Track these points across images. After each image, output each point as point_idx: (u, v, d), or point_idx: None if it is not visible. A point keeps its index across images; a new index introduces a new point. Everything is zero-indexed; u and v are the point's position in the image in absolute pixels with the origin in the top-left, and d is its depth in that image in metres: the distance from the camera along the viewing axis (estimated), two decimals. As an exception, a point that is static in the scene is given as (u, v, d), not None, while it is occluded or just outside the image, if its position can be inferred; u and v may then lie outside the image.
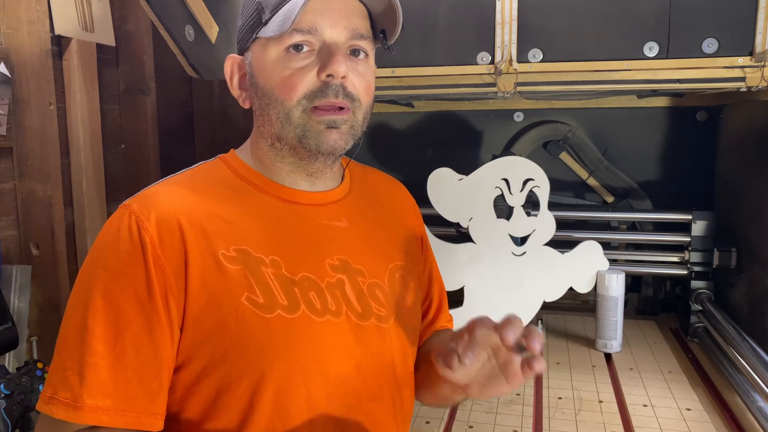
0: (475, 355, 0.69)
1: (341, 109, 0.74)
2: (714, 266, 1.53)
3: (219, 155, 0.84)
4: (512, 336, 0.68)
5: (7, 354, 1.31)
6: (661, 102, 1.76)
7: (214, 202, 0.75)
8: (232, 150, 0.84)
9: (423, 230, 0.98)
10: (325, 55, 0.73)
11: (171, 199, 0.74)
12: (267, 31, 0.74)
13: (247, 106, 0.81)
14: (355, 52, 0.76)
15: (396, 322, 0.81)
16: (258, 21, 0.75)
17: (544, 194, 1.49)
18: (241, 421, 0.71)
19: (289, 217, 0.78)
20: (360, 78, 0.76)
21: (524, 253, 1.51)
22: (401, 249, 0.88)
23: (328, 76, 0.73)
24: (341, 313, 0.76)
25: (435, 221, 1.58)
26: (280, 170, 0.79)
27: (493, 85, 1.30)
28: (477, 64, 1.29)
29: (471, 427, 1.14)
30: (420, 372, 0.89)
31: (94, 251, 0.72)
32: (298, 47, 0.73)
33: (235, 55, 0.81)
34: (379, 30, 0.79)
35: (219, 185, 0.78)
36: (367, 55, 0.77)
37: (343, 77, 0.73)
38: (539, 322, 1.57)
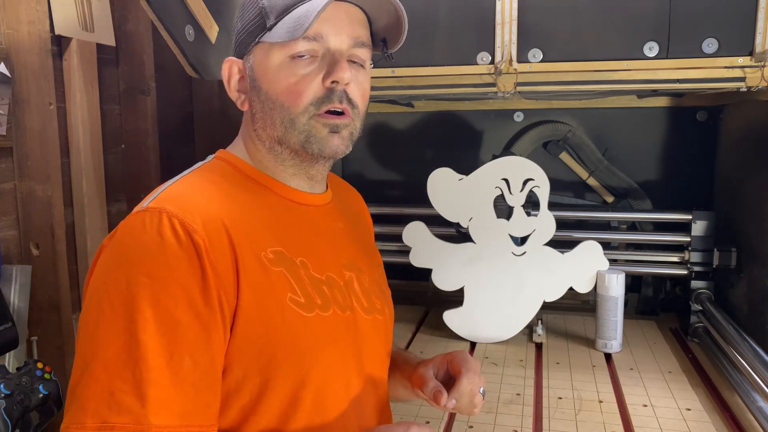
0: (457, 400, 0.83)
1: (342, 114, 0.76)
2: (714, 266, 1.53)
3: (214, 156, 0.83)
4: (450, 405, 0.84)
5: (7, 354, 1.30)
6: (661, 102, 1.76)
7: (241, 203, 0.75)
8: (223, 150, 0.83)
9: (373, 229, 1.06)
10: (330, 62, 0.75)
11: (207, 200, 0.72)
12: (273, 37, 0.74)
13: (245, 108, 0.81)
14: (354, 60, 0.78)
15: (387, 313, 0.90)
16: (261, 26, 0.76)
17: (544, 194, 1.49)
18: (281, 422, 0.71)
19: (303, 218, 0.81)
20: (359, 86, 0.78)
21: (524, 253, 1.52)
22: (374, 247, 0.98)
23: (333, 82, 0.74)
24: (354, 309, 0.81)
25: (435, 221, 1.58)
26: (283, 172, 0.81)
27: (493, 85, 1.30)
28: (477, 64, 1.29)
29: (471, 427, 1.14)
30: None
31: (125, 257, 0.66)
32: (302, 55, 0.74)
33: (233, 58, 0.81)
34: (380, 39, 0.82)
35: (236, 187, 0.78)
36: (365, 63, 0.80)
37: (347, 84, 0.75)
38: (539, 322, 1.57)
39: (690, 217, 1.59)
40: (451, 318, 1.55)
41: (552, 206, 1.50)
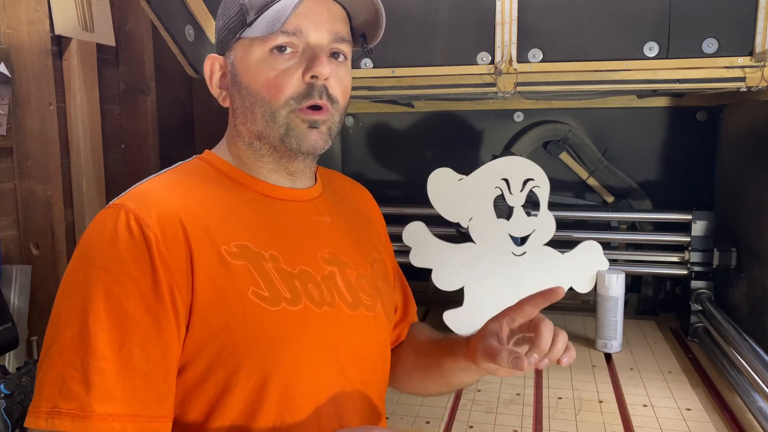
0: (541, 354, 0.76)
1: (320, 109, 0.76)
2: (714, 266, 1.53)
3: (195, 156, 0.85)
4: (565, 360, 0.77)
5: (7, 354, 1.30)
6: (661, 102, 1.76)
7: (208, 199, 0.76)
8: (208, 150, 0.85)
9: (385, 228, 1.05)
10: (309, 57, 0.75)
11: (167, 196, 0.74)
12: (252, 32, 0.75)
13: (226, 104, 0.82)
14: (335, 54, 0.79)
15: (380, 310, 0.87)
16: (241, 22, 0.76)
17: (544, 194, 1.49)
18: (248, 417, 0.71)
19: (278, 212, 0.81)
20: (339, 81, 0.78)
21: (524, 253, 1.51)
22: (374, 243, 0.95)
23: (312, 77, 0.75)
24: (335, 304, 0.79)
25: (435, 221, 1.58)
26: (261, 168, 0.81)
27: (493, 85, 1.30)
28: (477, 64, 1.29)
29: (471, 427, 1.14)
30: (411, 363, 0.96)
31: (86, 252, 0.69)
32: (281, 48, 0.75)
33: (214, 55, 0.82)
34: (359, 34, 0.83)
35: (207, 183, 0.79)
36: (346, 58, 0.80)
37: (326, 79, 0.76)
38: (539, 322, 1.56)
39: (690, 217, 1.58)
40: (451, 318, 1.55)
41: (552, 206, 1.50)
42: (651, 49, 1.22)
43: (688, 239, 1.59)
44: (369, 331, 0.84)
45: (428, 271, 1.56)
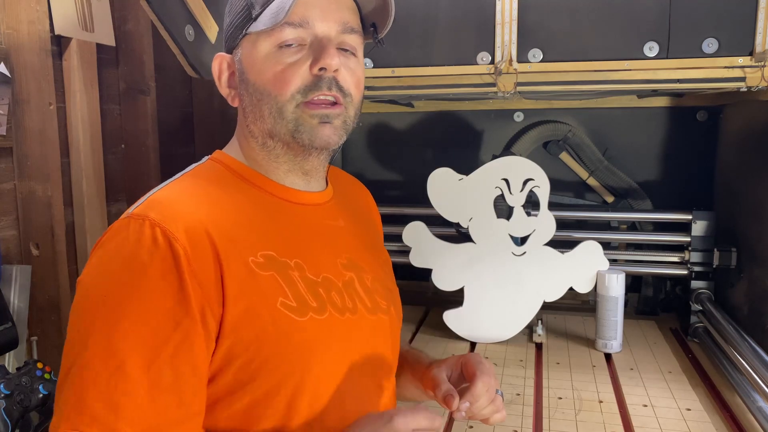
0: (471, 403, 0.78)
1: (334, 104, 0.74)
2: (714, 266, 1.53)
3: (208, 157, 0.82)
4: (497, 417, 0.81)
5: (7, 354, 1.30)
6: (661, 102, 1.76)
7: (230, 207, 0.73)
8: (219, 151, 0.82)
9: (381, 226, 1.05)
10: (317, 48, 0.73)
11: (192, 206, 0.70)
12: (258, 26, 0.73)
13: (236, 104, 0.80)
14: (345, 47, 0.76)
15: (393, 312, 0.87)
16: (247, 17, 0.75)
17: (544, 194, 1.49)
18: (278, 428, 0.70)
19: (297, 218, 0.79)
20: (351, 73, 0.76)
21: (524, 253, 1.51)
22: (380, 244, 0.96)
23: (321, 69, 0.72)
24: (357, 310, 0.79)
25: (435, 221, 1.58)
26: (276, 169, 0.79)
27: (493, 85, 1.30)
28: (477, 64, 1.29)
29: (471, 427, 1.14)
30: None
31: (109, 267, 0.65)
32: (289, 43, 0.73)
33: (223, 54, 0.80)
34: (369, 24, 0.80)
35: (226, 189, 0.76)
36: (356, 50, 0.78)
37: (336, 71, 0.73)
38: (539, 322, 1.57)
39: (690, 217, 1.58)
40: (451, 318, 1.55)
41: (552, 206, 1.50)
42: (651, 49, 1.22)
43: (688, 239, 1.59)
44: (386, 335, 0.84)
45: (428, 271, 1.56)
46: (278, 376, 0.69)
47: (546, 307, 1.53)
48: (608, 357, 1.45)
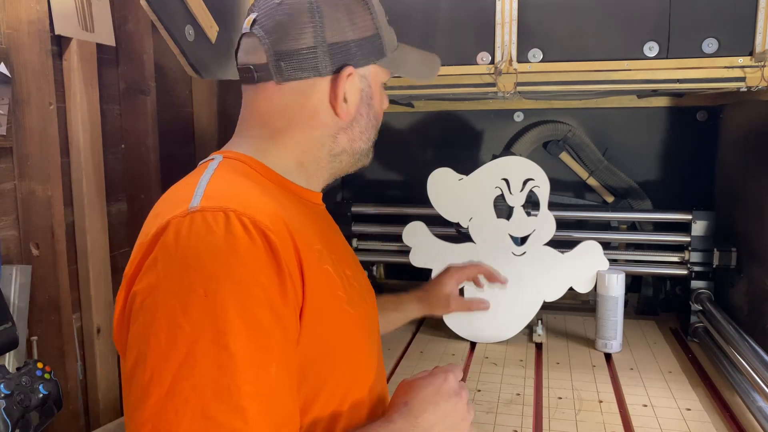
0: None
1: None
2: (714, 266, 1.53)
3: (221, 155, 0.79)
4: None
5: (7, 354, 1.30)
6: (661, 102, 1.76)
7: (281, 202, 0.73)
8: (229, 150, 0.79)
9: None
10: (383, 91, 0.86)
11: (259, 197, 0.69)
12: (385, 63, 0.83)
13: (345, 117, 0.80)
14: None
15: (375, 304, 0.92)
16: (379, 49, 0.81)
17: (544, 194, 1.49)
18: (331, 424, 0.70)
19: (320, 217, 0.83)
20: None
21: (524, 253, 1.52)
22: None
23: None
24: (368, 304, 0.84)
25: (435, 221, 1.58)
26: (312, 174, 0.82)
27: (493, 85, 1.30)
28: (477, 64, 1.29)
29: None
30: None
31: (197, 263, 0.60)
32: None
33: (358, 70, 0.80)
34: None
35: (264, 185, 0.75)
36: None
37: None
38: (539, 322, 1.57)
39: (690, 217, 1.58)
40: (451, 318, 1.55)
41: (552, 206, 1.50)
42: (651, 49, 1.22)
43: (688, 239, 1.59)
44: (378, 329, 0.90)
45: (428, 271, 1.56)
46: (340, 367, 0.71)
47: (546, 307, 1.53)
48: (608, 357, 1.46)
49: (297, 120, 0.78)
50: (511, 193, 1.50)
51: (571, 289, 1.52)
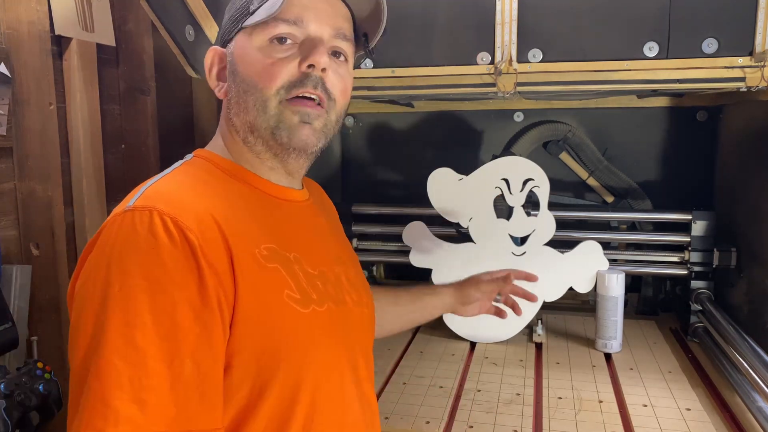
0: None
1: (317, 105, 0.75)
2: (714, 266, 1.53)
3: (193, 154, 0.81)
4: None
5: (7, 354, 1.31)
6: (661, 102, 1.76)
7: (229, 200, 0.73)
8: (202, 149, 0.82)
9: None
10: (308, 47, 0.74)
11: (194, 197, 0.70)
12: (254, 18, 0.74)
13: (222, 96, 0.80)
14: (336, 53, 0.78)
15: (369, 304, 0.91)
16: (245, 12, 0.76)
17: (544, 194, 1.49)
18: (279, 424, 0.69)
19: (288, 214, 0.80)
20: (339, 79, 0.77)
21: (524, 253, 1.52)
22: (347, 239, 1.00)
23: (309, 66, 0.74)
24: (347, 303, 0.81)
25: (435, 221, 1.58)
26: (261, 166, 0.79)
27: (493, 85, 1.30)
28: (477, 64, 1.29)
29: (471, 427, 1.14)
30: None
31: (118, 260, 0.63)
32: (282, 39, 0.74)
33: (216, 47, 0.81)
34: (361, 33, 0.82)
35: (219, 183, 0.76)
36: (347, 58, 0.80)
37: (323, 70, 0.74)
38: (539, 322, 1.57)
39: (690, 217, 1.58)
40: (451, 318, 1.55)
41: (552, 206, 1.50)
42: (651, 49, 1.22)
43: (688, 239, 1.59)
44: (367, 327, 0.88)
45: (428, 271, 1.56)
46: (285, 367, 0.69)
47: (546, 307, 1.53)
48: (608, 357, 1.45)
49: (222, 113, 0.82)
50: (511, 193, 1.50)
51: (571, 289, 1.52)
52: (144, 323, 0.60)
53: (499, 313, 1.25)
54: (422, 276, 1.60)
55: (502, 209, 1.52)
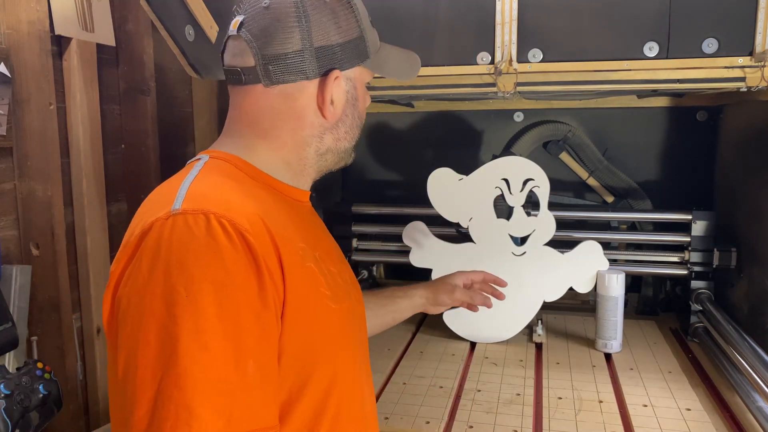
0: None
1: None
2: (714, 266, 1.53)
3: (207, 155, 0.80)
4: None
5: (7, 354, 1.31)
6: (661, 102, 1.76)
7: (264, 201, 0.74)
8: (215, 150, 0.81)
9: None
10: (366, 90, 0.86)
11: (240, 198, 0.70)
12: (369, 65, 0.83)
13: (333, 119, 0.80)
14: None
15: (363, 301, 0.94)
16: (364, 51, 0.81)
17: (544, 194, 1.49)
18: (315, 416, 0.71)
19: (305, 214, 0.84)
20: None
21: (524, 253, 1.52)
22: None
23: None
24: (352, 299, 0.84)
25: (435, 221, 1.58)
26: (299, 173, 0.82)
27: (493, 85, 1.30)
28: (477, 64, 1.29)
29: (471, 427, 1.14)
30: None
31: (179, 265, 0.62)
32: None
33: (344, 73, 0.80)
34: None
35: (249, 185, 0.76)
36: None
37: None
38: (539, 322, 1.57)
39: (690, 217, 1.58)
40: (451, 318, 1.55)
41: (552, 206, 1.50)
42: (651, 49, 1.21)
43: (688, 239, 1.59)
44: (365, 325, 0.93)
45: (428, 271, 1.56)
46: (322, 363, 0.72)
47: (546, 307, 1.53)
48: (608, 357, 1.46)
49: (284, 121, 0.79)
50: (511, 193, 1.50)
51: (571, 289, 1.52)
52: (213, 327, 0.60)
53: (471, 307, 1.26)
54: (422, 276, 1.60)
55: (502, 209, 1.52)
